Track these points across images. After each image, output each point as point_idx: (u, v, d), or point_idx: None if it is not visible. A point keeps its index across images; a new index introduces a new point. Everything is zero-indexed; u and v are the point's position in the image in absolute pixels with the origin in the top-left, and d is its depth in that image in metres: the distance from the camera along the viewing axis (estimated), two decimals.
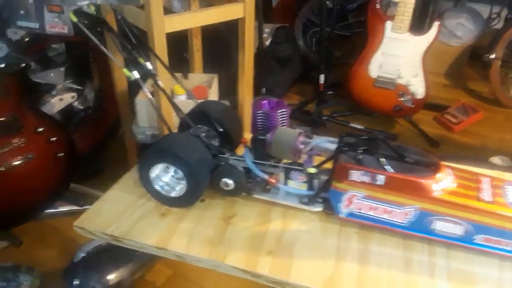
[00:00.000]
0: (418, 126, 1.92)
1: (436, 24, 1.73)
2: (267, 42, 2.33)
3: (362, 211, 0.66)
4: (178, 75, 1.53)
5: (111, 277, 1.18)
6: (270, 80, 2.14)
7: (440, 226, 0.63)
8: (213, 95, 1.43)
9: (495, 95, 2.07)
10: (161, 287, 1.31)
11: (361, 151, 0.65)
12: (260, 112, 0.73)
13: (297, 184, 0.71)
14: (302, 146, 0.68)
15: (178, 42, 1.66)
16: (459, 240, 0.62)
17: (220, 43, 1.79)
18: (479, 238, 0.61)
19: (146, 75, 0.78)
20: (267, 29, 2.41)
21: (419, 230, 0.64)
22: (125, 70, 0.69)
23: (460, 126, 1.94)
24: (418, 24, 1.86)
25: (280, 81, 2.18)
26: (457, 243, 0.63)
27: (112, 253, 1.21)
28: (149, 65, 0.73)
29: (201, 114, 0.78)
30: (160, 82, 0.76)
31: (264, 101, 0.73)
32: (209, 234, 0.68)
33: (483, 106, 2.12)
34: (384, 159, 0.65)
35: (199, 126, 0.79)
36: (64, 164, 1.38)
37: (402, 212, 0.64)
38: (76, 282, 1.16)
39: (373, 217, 0.66)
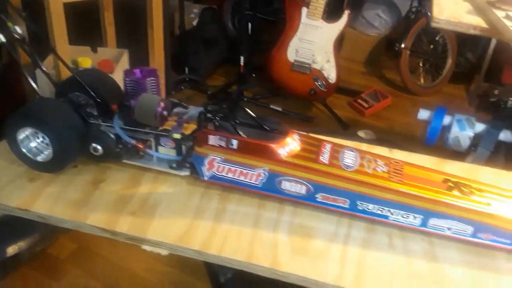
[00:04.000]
0: (331, 110, 2.04)
1: (346, 13, 1.83)
2: (194, 23, 2.34)
3: (222, 174, 0.72)
4: (87, 48, 1.51)
5: (9, 249, 1.17)
6: (194, 60, 2.16)
7: (287, 186, 0.70)
8: (122, 70, 1.43)
9: (404, 83, 2.24)
10: (64, 260, 1.31)
11: (220, 118, 0.70)
12: (128, 79, 0.76)
13: (167, 150, 0.75)
14: (165, 112, 0.72)
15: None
16: (303, 199, 0.70)
17: (137, 19, 1.78)
18: (319, 196, 0.69)
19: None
20: (195, 9, 2.41)
21: (270, 190, 0.71)
22: None
23: (370, 110, 2.09)
24: (334, 12, 1.96)
25: (205, 62, 2.21)
26: (302, 201, 0.70)
27: (9, 226, 1.19)
28: (18, 29, 0.72)
29: (77, 83, 0.79)
30: (28, 49, 0.75)
31: (136, 69, 0.75)
32: (75, 197, 0.71)
33: (394, 92, 2.29)
34: (240, 126, 0.70)
35: (77, 94, 0.80)
36: None
37: (255, 174, 0.70)
38: None
39: (232, 179, 0.71)
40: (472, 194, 0.65)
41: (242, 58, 1.99)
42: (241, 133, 0.69)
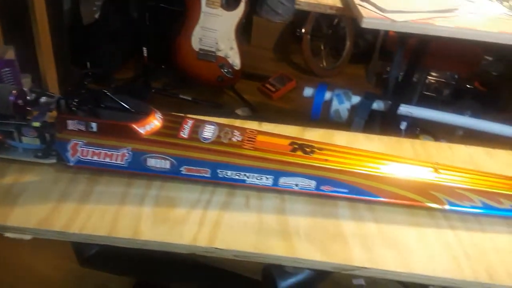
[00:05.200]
0: (240, 95, 2.11)
1: (243, 0, 1.90)
2: (97, 15, 2.27)
3: (88, 157, 0.73)
4: None
5: None
6: (97, 54, 2.11)
7: (152, 162, 0.73)
8: None
9: (308, 66, 2.38)
10: None
11: (77, 103, 0.72)
12: None
13: (30, 140, 0.75)
14: (20, 101, 0.72)
15: None
16: (169, 173, 0.74)
17: (25, 13, 1.69)
18: (184, 169, 0.74)
19: None
20: (98, 2, 2.34)
21: (137, 168, 0.74)
22: None
23: (277, 94, 2.19)
24: (232, 0, 2.01)
25: (109, 55, 2.16)
26: (169, 175, 0.75)
27: None
28: None
29: None
30: None
31: None
32: None
33: (300, 76, 2.42)
34: (104, 110, 0.73)
35: None
36: None
37: (119, 154, 0.73)
38: None
39: (98, 161, 0.74)
40: (313, 153, 0.73)
41: (145, 50, 1.98)
42: (102, 116, 0.71)
